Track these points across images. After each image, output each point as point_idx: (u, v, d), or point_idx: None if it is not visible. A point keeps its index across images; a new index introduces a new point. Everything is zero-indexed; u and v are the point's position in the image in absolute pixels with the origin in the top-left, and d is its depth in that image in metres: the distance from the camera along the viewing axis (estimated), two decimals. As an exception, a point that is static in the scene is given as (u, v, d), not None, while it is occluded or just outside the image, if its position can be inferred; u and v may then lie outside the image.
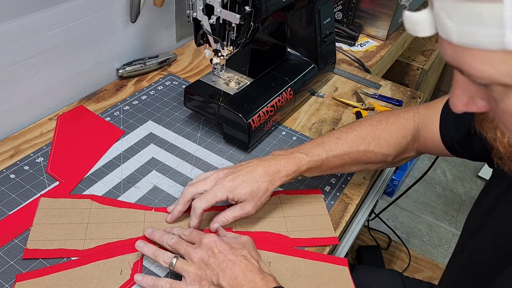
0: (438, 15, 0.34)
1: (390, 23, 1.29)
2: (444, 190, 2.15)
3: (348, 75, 1.10)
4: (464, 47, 0.34)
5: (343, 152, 0.70)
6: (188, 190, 0.66)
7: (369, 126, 0.71)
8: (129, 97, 0.93)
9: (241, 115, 0.79)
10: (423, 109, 0.72)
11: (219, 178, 0.66)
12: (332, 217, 0.73)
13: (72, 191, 0.72)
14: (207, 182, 0.66)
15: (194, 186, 0.66)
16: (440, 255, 1.84)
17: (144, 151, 0.81)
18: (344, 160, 0.70)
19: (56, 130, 0.83)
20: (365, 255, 1.43)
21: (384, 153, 0.71)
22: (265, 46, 0.99)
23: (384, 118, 0.72)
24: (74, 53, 0.87)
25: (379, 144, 0.70)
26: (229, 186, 0.64)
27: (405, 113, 0.72)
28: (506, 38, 0.31)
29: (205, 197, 0.64)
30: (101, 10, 0.87)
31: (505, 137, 0.44)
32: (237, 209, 0.66)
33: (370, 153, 0.70)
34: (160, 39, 1.07)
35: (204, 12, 0.74)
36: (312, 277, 0.63)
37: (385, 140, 0.70)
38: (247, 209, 0.66)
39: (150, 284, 0.58)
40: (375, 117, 0.73)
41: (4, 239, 0.63)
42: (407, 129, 0.71)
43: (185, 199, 0.66)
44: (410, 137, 0.71)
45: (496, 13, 0.30)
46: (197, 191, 0.66)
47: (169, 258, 0.59)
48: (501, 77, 0.34)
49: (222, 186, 0.64)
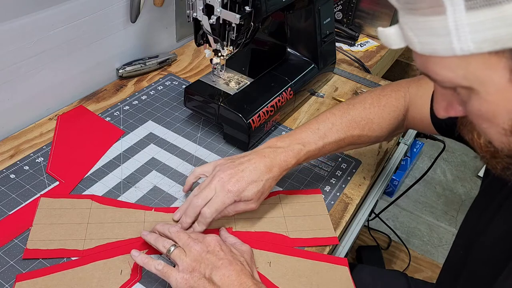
0: (403, 29, 0.40)
1: (390, 23, 1.29)
2: (444, 190, 2.15)
3: (348, 75, 1.10)
4: (426, 55, 0.39)
5: (339, 138, 0.71)
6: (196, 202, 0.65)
7: (362, 110, 0.72)
8: (129, 97, 0.93)
9: (241, 115, 0.79)
10: (414, 88, 0.72)
11: (223, 182, 0.65)
12: (332, 217, 0.73)
13: (72, 191, 0.72)
14: (211, 188, 0.65)
15: (200, 197, 0.65)
16: (440, 255, 1.84)
17: (144, 151, 0.81)
18: (339, 145, 0.72)
19: (56, 130, 0.83)
20: (365, 255, 1.43)
21: (378, 135, 0.73)
22: (265, 46, 0.99)
23: (376, 100, 0.73)
24: (74, 53, 0.87)
25: (372, 128, 0.72)
26: (236, 190, 0.64)
27: (396, 92, 0.73)
28: (453, 45, 0.36)
29: (213, 206, 0.64)
30: (101, 10, 0.87)
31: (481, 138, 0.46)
32: (241, 205, 0.66)
33: (364, 137, 0.72)
34: (160, 39, 1.07)
35: (204, 12, 0.74)
36: (312, 277, 0.63)
37: (378, 124, 0.72)
38: (252, 206, 0.66)
39: (144, 261, 0.58)
40: (367, 98, 0.73)
41: (4, 239, 0.63)
42: (398, 110, 0.72)
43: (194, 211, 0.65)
44: (401, 117, 0.73)
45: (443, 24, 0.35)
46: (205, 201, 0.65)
47: (169, 244, 0.59)
48: (460, 80, 0.38)
49: (230, 193, 0.64)
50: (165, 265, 0.57)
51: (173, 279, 0.56)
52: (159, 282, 0.61)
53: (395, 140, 0.92)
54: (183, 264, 0.57)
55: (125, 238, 0.65)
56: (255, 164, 0.66)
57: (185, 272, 0.56)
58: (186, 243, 0.59)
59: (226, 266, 0.56)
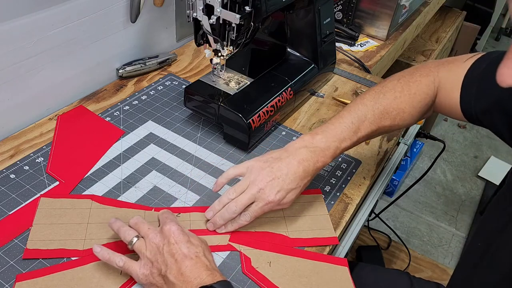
0: None
1: (390, 23, 1.29)
2: (444, 190, 2.15)
3: (348, 75, 1.10)
4: None
5: (371, 130, 0.70)
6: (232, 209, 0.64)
7: (393, 99, 0.71)
8: (129, 97, 0.93)
9: (241, 115, 0.79)
10: (444, 72, 0.72)
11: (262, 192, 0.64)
12: (332, 217, 0.73)
13: (72, 191, 0.72)
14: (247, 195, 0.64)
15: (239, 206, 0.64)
16: (440, 255, 1.84)
17: (144, 151, 0.81)
18: (371, 136, 0.72)
19: (56, 130, 0.83)
20: (365, 255, 1.43)
21: (408, 124, 0.73)
22: (265, 46, 0.99)
23: (407, 87, 0.72)
24: (74, 53, 0.87)
25: (403, 118, 0.71)
26: (278, 200, 0.64)
27: (426, 78, 0.72)
28: None
29: (253, 214, 0.64)
30: (101, 10, 0.87)
31: None
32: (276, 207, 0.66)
33: (394, 127, 0.72)
34: (160, 39, 1.07)
35: (204, 12, 0.74)
36: (312, 277, 0.63)
37: (409, 113, 0.71)
38: (285, 207, 0.68)
39: (106, 257, 0.58)
40: (397, 86, 0.72)
41: (4, 239, 0.63)
42: (429, 96, 0.72)
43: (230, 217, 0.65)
44: (431, 103, 0.73)
45: None
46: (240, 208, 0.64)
47: (131, 236, 0.58)
48: None
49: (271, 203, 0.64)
50: (126, 261, 0.57)
51: (134, 275, 0.57)
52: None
53: (395, 140, 0.92)
54: (144, 259, 0.57)
55: (125, 238, 0.65)
56: (293, 169, 0.65)
57: (146, 268, 0.56)
58: (145, 234, 0.58)
59: (180, 262, 0.55)
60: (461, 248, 1.88)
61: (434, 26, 1.99)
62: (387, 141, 0.91)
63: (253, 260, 0.64)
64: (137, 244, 0.58)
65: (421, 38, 1.88)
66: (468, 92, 0.67)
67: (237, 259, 0.65)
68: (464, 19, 2.12)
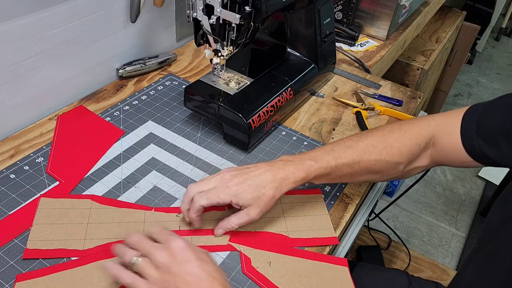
0: None
1: (390, 23, 1.29)
2: (444, 190, 2.15)
3: (348, 75, 1.10)
4: None
5: (353, 160, 0.68)
6: (191, 189, 0.65)
7: (380, 136, 0.70)
8: (129, 97, 0.93)
9: (241, 115, 0.79)
10: (440, 116, 0.71)
11: (224, 179, 0.64)
12: (332, 217, 0.73)
13: (72, 191, 0.72)
14: (212, 181, 0.65)
15: (198, 185, 0.65)
16: (440, 255, 1.84)
17: (144, 151, 0.81)
18: (354, 168, 0.69)
19: (56, 130, 0.83)
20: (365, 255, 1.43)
21: (396, 161, 0.69)
22: (265, 46, 0.99)
23: (397, 127, 0.71)
24: (74, 53, 0.87)
25: (391, 153, 0.68)
26: (235, 190, 0.63)
27: (420, 121, 0.71)
28: None
29: (206, 194, 0.63)
30: (101, 10, 0.87)
31: None
32: (242, 214, 0.64)
33: (381, 162, 0.69)
34: (160, 39, 1.07)
35: (204, 12, 0.74)
36: (312, 277, 0.63)
37: (398, 149, 0.69)
38: (252, 215, 0.64)
39: (114, 273, 0.54)
40: (387, 127, 0.72)
41: (4, 239, 0.63)
42: (421, 136, 0.69)
43: (189, 198, 0.65)
44: (423, 144, 0.69)
45: None
46: (201, 189, 0.64)
47: (131, 256, 0.54)
48: None
49: (228, 189, 0.63)
50: (135, 279, 0.53)
51: None
52: (159, 282, 0.60)
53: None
54: (151, 278, 0.52)
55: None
56: (261, 171, 0.65)
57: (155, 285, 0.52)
58: (149, 252, 0.54)
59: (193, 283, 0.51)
60: (461, 248, 1.88)
61: (434, 26, 1.99)
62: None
63: (253, 260, 0.64)
64: (139, 264, 0.53)
65: (421, 38, 1.88)
66: (468, 127, 0.66)
67: (237, 259, 0.65)
68: (464, 19, 2.12)
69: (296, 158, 0.68)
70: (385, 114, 0.98)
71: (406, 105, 1.02)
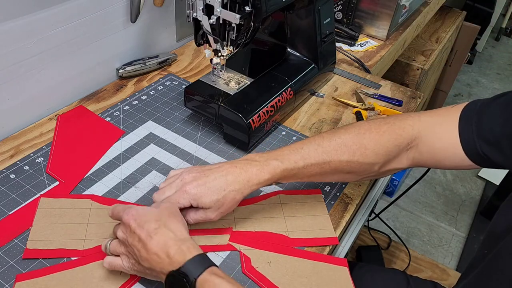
0: None
1: (390, 23, 1.29)
2: (444, 190, 2.15)
3: (348, 75, 1.10)
4: None
5: (323, 161, 0.65)
6: (155, 198, 0.64)
7: (355, 135, 0.66)
8: (129, 97, 0.93)
9: (241, 115, 0.79)
10: (426, 117, 0.67)
11: (184, 183, 0.63)
12: (332, 217, 0.73)
13: (72, 191, 0.72)
14: (173, 187, 0.63)
15: (159, 194, 0.64)
16: (440, 255, 1.84)
17: (144, 151, 0.81)
18: (323, 169, 0.65)
19: (56, 130, 0.83)
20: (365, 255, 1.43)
21: (371, 162, 0.66)
22: (265, 46, 0.99)
23: (375, 126, 0.67)
24: (74, 53, 0.87)
25: (365, 154, 0.65)
26: (194, 194, 0.61)
27: (402, 121, 0.67)
28: None
29: (168, 201, 0.62)
30: (101, 10, 0.87)
31: None
32: (200, 213, 0.63)
33: (354, 163, 0.66)
34: (160, 39, 1.07)
35: (204, 12, 0.74)
36: (312, 277, 0.63)
37: (373, 150, 0.65)
38: (210, 216, 0.63)
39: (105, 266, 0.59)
40: (364, 124, 0.68)
41: (4, 239, 0.63)
42: (402, 137, 0.66)
43: None
44: (404, 145, 0.66)
45: None
46: (164, 196, 0.63)
47: (105, 244, 0.59)
48: None
49: (186, 194, 0.61)
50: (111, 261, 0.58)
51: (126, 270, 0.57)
52: (159, 282, 0.60)
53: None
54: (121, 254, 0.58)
55: (125, 238, 0.65)
56: (222, 173, 0.63)
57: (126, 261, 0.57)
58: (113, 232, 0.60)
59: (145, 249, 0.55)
60: (461, 248, 1.88)
61: (434, 26, 1.99)
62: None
63: (253, 260, 0.64)
64: (111, 247, 0.59)
65: (421, 38, 1.88)
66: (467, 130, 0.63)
67: (237, 259, 0.65)
68: (464, 19, 2.12)
69: (262, 158, 0.65)
70: (385, 114, 0.98)
71: (406, 105, 1.02)
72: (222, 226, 0.69)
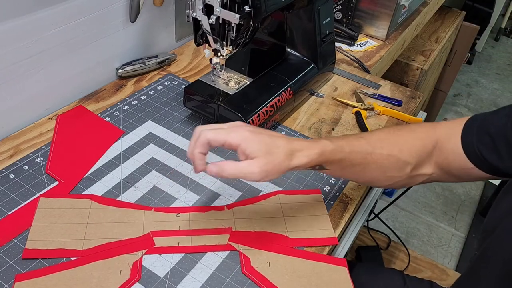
0: None
1: (390, 23, 1.29)
2: (444, 190, 2.15)
3: (347, 75, 1.10)
4: None
5: (366, 151, 0.65)
6: (199, 128, 0.59)
7: (391, 132, 0.69)
8: (129, 97, 0.93)
9: (240, 115, 0.79)
10: (445, 123, 0.70)
11: (235, 123, 0.60)
12: (332, 217, 0.73)
13: (72, 191, 0.72)
14: (224, 125, 0.60)
15: (207, 125, 0.60)
16: (439, 255, 1.84)
17: (143, 151, 0.81)
18: (366, 159, 0.65)
19: (55, 130, 0.83)
20: (365, 255, 1.43)
21: (406, 160, 0.67)
22: (264, 46, 0.99)
23: (405, 126, 0.70)
24: (74, 53, 0.86)
25: (401, 150, 0.66)
26: (247, 135, 0.57)
27: (426, 124, 0.71)
28: None
29: (215, 129, 0.58)
30: (101, 10, 0.87)
31: None
32: (243, 165, 0.56)
33: (392, 158, 0.66)
34: (159, 39, 1.07)
35: (204, 12, 0.74)
36: (312, 277, 0.63)
37: (407, 146, 0.67)
38: (253, 169, 0.56)
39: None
40: (395, 126, 0.72)
41: (4, 239, 0.63)
42: (428, 137, 0.68)
43: (196, 136, 0.59)
44: (430, 146, 0.68)
45: None
46: (210, 128, 0.59)
47: None
48: None
49: (241, 130, 0.57)
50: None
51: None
52: (159, 282, 0.61)
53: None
54: None
55: (125, 238, 0.65)
56: (276, 135, 0.60)
57: None
58: None
59: None
60: (461, 248, 1.88)
61: (434, 26, 1.99)
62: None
63: (252, 260, 0.64)
64: None
65: (421, 38, 1.88)
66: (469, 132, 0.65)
67: (236, 259, 0.65)
68: (463, 19, 2.12)
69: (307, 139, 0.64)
70: (385, 114, 0.98)
71: (405, 105, 1.02)
72: (221, 226, 0.69)
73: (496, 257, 0.58)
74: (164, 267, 0.62)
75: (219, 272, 0.63)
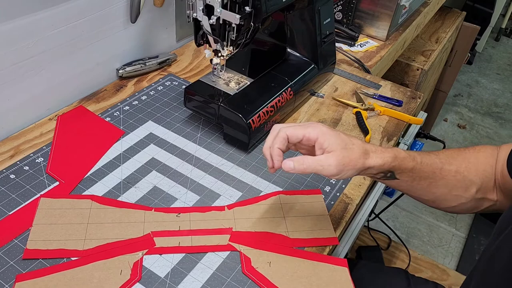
0: None
1: (390, 24, 1.29)
2: (444, 191, 2.15)
3: (348, 75, 1.10)
4: None
5: (436, 165, 0.64)
6: (277, 125, 0.61)
7: (459, 151, 0.68)
8: (129, 98, 0.93)
9: (241, 115, 0.80)
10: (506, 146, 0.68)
11: (313, 123, 0.61)
12: (332, 217, 0.73)
13: (72, 191, 0.72)
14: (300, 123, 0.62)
15: (285, 124, 0.61)
16: (440, 255, 1.84)
17: (144, 151, 0.81)
18: (435, 174, 0.64)
19: (56, 130, 0.83)
20: (365, 255, 1.43)
21: (471, 179, 0.65)
22: (265, 46, 0.99)
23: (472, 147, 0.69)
24: (74, 54, 0.87)
25: (468, 168, 0.65)
26: (324, 130, 0.58)
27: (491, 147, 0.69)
28: None
29: (293, 125, 0.59)
30: (101, 10, 0.87)
31: None
32: (322, 157, 0.58)
33: (459, 175, 0.65)
34: (160, 39, 1.07)
35: (204, 12, 0.74)
36: (312, 277, 0.63)
37: (474, 164, 0.66)
38: (331, 161, 0.57)
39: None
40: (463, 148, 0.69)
41: (4, 239, 0.63)
42: (493, 158, 0.66)
43: (274, 133, 0.60)
44: (494, 169, 0.66)
45: None
46: (288, 125, 0.60)
47: None
48: None
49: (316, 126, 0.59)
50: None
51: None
52: (159, 282, 0.61)
53: (395, 140, 0.92)
54: None
55: (125, 238, 0.65)
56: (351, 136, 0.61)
57: None
58: None
59: None
60: (461, 248, 1.88)
61: (434, 26, 1.99)
62: (387, 141, 0.91)
63: (253, 260, 0.64)
64: None
65: (421, 38, 1.88)
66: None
67: (237, 259, 0.65)
68: (464, 20, 2.12)
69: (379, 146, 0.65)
70: (385, 114, 0.98)
71: (406, 105, 1.02)
72: (222, 226, 0.69)
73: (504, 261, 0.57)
74: (164, 267, 0.62)
75: (219, 272, 0.63)
